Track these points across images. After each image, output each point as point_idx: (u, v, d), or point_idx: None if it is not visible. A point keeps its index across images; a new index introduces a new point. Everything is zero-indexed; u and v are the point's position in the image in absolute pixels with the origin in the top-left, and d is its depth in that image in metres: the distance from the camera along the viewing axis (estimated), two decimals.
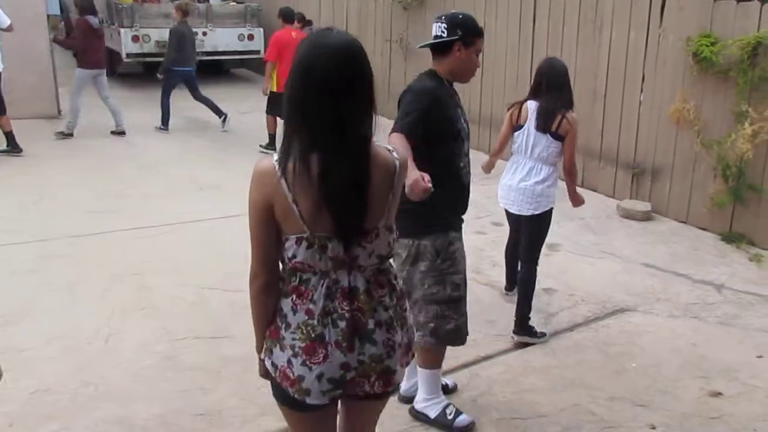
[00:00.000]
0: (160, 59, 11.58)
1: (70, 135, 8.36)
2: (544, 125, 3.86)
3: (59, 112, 8.92)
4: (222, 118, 9.17)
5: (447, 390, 3.36)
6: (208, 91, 11.78)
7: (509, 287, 4.51)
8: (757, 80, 5.44)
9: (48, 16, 9.43)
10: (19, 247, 5.11)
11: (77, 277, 4.63)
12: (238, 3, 13.14)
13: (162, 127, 9.01)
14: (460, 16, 3.08)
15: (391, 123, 2.82)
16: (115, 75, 12.00)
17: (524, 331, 3.93)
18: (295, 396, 1.85)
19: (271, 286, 1.85)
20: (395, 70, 9.87)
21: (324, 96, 1.71)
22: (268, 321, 1.88)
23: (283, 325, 1.83)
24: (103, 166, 7.42)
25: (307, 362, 1.80)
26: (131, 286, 4.54)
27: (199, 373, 3.54)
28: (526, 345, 3.92)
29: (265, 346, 1.93)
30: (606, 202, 6.56)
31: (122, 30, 11.16)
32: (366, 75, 1.79)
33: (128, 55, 11.31)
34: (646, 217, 6.23)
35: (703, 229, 5.98)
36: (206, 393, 3.37)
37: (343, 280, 1.81)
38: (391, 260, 1.94)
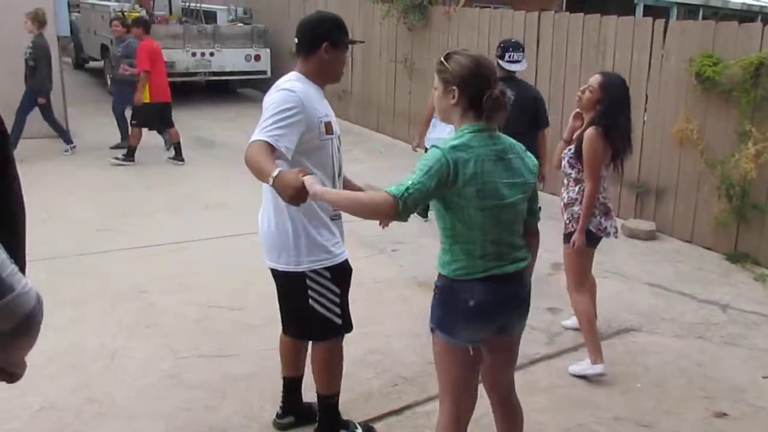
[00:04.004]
0: (168, 79, 11.73)
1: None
2: None
3: (67, 131, 9.01)
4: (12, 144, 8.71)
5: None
6: (216, 111, 11.94)
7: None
8: (759, 100, 5.47)
9: (58, 37, 9.54)
10: (27, 264, 5.14)
11: (83, 294, 4.66)
12: (245, 24, 13.32)
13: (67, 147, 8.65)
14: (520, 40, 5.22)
15: (396, 142, 2.87)
16: None
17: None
18: None
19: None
20: (400, 90, 9.96)
21: None
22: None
23: None
24: (110, 184, 7.49)
25: None
26: (136, 303, 4.56)
27: (203, 391, 3.54)
28: (531, 364, 3.92)
29: None
30: None
31: None
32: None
33: None
34: (650, 236, 6.23)
35: (708, 248, 5.97)
36: (210, 411, 3.37)
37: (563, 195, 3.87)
38: None
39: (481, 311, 2.35)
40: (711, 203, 5.94)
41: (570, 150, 3.85)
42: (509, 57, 4.94)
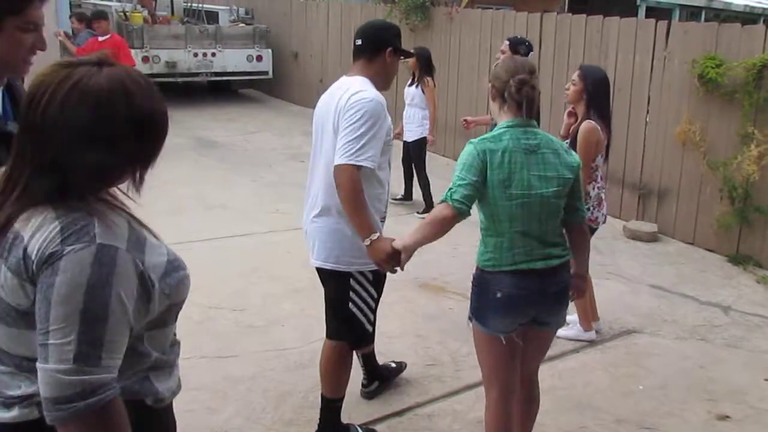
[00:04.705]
0: (170, 79, 11.76)
1: None
2: None
3: None
4: None
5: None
6: (218, 111, 11.94)
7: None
8: (762, 102, 5.46)
9: None
10: None
11: None
12: (246, 24, 13.32)
13: None
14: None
15: (397, 142, 2.89)
16: None
17: None
18: None
19: None
20: (402, 90, 9.93)
21: None
22: None
23: None
24: None
25: None
26: None
27: (204, 392, 3.54)
28: None
29: None
30: (612, 223, 6.55)
31: (132, 51, 11.29)
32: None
33: None
34: (652, 238, 6.22)
35: (710, 250, 5.96)
36: (212, 413, 3.37)
37: None
38: None
39: (507, 304, 2.48)
40: (713, 205, 5.93)
41: (566, 143, 3.99)
42: (531, 56, 5.26)
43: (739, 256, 5.72)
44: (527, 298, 2.49)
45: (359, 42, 2.88)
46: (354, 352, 3.31)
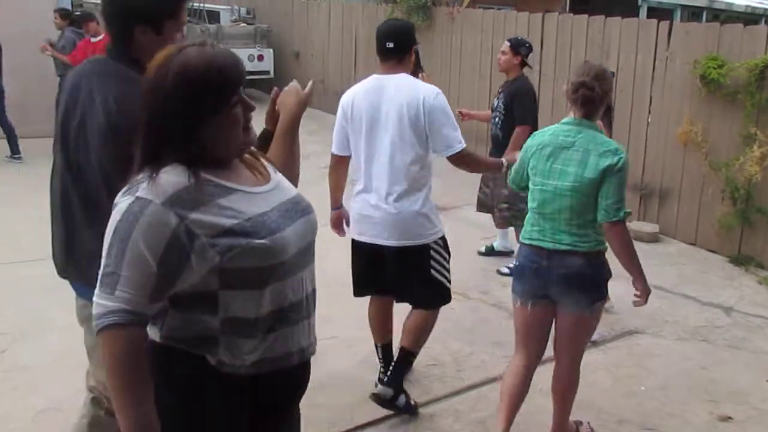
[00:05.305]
0: None
1: None
2: None
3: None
4: (14, 156, 8.05)
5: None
6: None
7: None
8: (764, 103, 5.46)
9: None
10: (32, 265, 5.13)
11: None
12: (248, 24, 13.32)
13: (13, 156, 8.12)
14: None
15: None
16: None
17: None
18: None
19: None
20: None
21: None
22: None
23: None
24: None
25: None
26: None
27: None
28: None
29: None
30: None
31: None
32: None
33: None
34: (654, 238, 6.22)
35: (712, 251, 5.96)
36: None
37: None
38: None
39: (520, 272, 2.88)
40: (715, 206, 5.93)
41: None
42: (531, 57, 5.35)
43: (740, 257, 5.71)
44: (535, 271, 2.80)
45: (391, 45, 3.18)
46: (375, 346, 3.54)
